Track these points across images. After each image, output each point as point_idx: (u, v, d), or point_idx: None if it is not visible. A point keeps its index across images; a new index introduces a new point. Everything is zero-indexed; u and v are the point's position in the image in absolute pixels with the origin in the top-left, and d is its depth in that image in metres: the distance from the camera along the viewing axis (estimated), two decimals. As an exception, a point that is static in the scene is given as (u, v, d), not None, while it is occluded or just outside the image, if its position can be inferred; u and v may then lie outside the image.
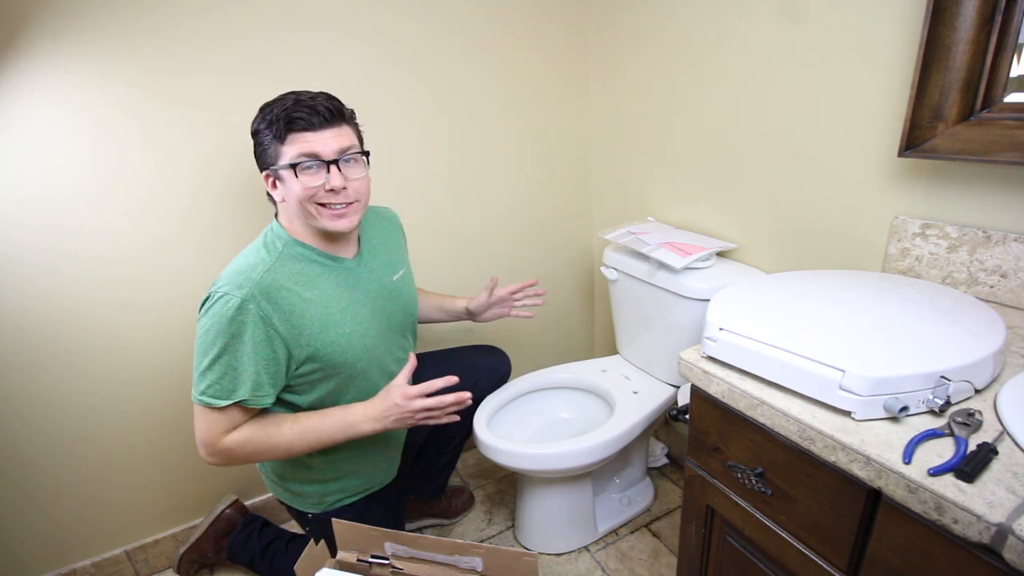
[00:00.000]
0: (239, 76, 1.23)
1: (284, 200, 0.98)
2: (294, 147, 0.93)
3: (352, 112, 1.01)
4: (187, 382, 1.35)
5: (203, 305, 0.92)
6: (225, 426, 0.94)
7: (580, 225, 1.84)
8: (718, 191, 1.35)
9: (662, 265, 1.29)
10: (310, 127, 0.93)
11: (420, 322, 1.38)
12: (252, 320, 0.90)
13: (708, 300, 0.84)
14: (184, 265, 1.30)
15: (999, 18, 0.79)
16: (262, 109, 0.96)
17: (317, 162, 0.94)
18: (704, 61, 1.29)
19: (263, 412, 0.99)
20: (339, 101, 0.98)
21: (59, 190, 1.15)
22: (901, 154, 0.90)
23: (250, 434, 0.95)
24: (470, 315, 1.36)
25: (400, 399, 0.98)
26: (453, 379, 1.02)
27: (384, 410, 0.99)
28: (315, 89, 0.99)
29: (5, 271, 1.14)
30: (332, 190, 0.95)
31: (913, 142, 0.89)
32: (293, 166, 0.93)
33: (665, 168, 1.50)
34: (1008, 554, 0.47)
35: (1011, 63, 0.80)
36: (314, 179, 0.94)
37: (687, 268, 1.25)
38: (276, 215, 1.03)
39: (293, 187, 0.95)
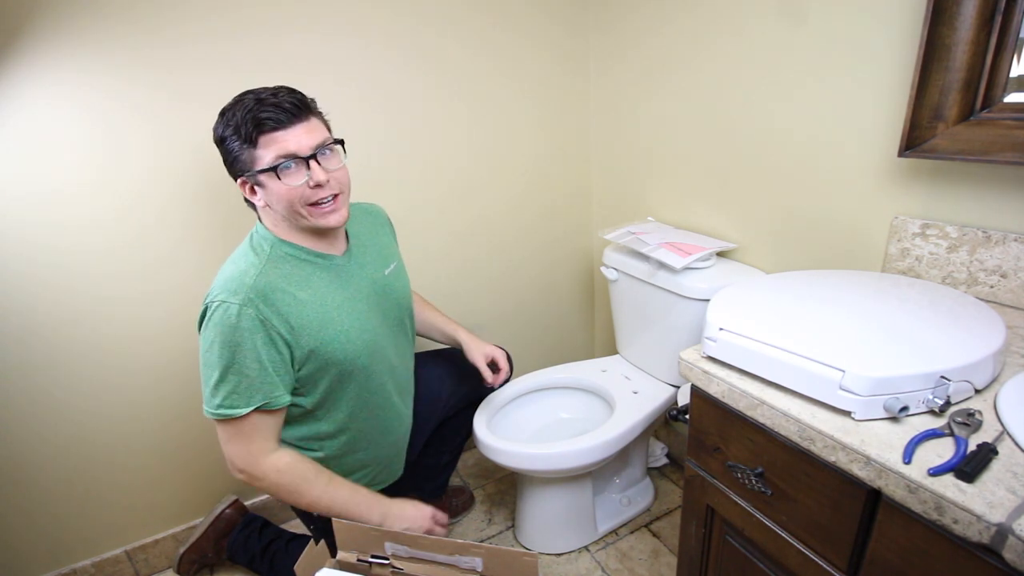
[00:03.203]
0: (243, 73, 1.22)
1: (267, 205, 0.96)
2: (268, 149, 0.90)
3: (314, 101, 0.97)
4: (188, 382, 1.36)
5: (201, 318, 0.92)
6: (258, 437, 0.94)
7: (580, 225, 1.84)
8: (718, 191, 1.35)
9: (662, 265, 1.29)
10: (279, 125, 0.89)
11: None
12: (252, 325, 0.89)
13: (708, 300, 0.84)
14: (185, 265, 1.30)
15: (999, 18, 0.79)
16: (222, 114, 0.92)
17: (296, 160, 0.91)
18: (704, 61, 1.29)
19: (304, 458, 1.00)
20: (301, 93, 0.95)
21: (60, 186, 1.15)
22: (901, 154, 0.90)
23: (291, 466, 0.97)
24: (461, 346, 1.34)
25: (431, 522, 1.06)
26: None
27: (413, 520, 1.05)
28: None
29: (6, 269, 1.14)
30: (318, 185, 0.93)
31: (913, 142, 0.89)
32: (272, 169, 0.90)
33: (665, 168, 1.50)
34: (1008, 554, 0.47)
35: (1011, 63, 0.80)
36: (296, 178, 0.92)
37: (687, 268, 1.25)
38: (259, 217, 1.01)
39: (277, 190, 0.92)
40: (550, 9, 1.55)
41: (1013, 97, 0.81)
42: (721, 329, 0.75)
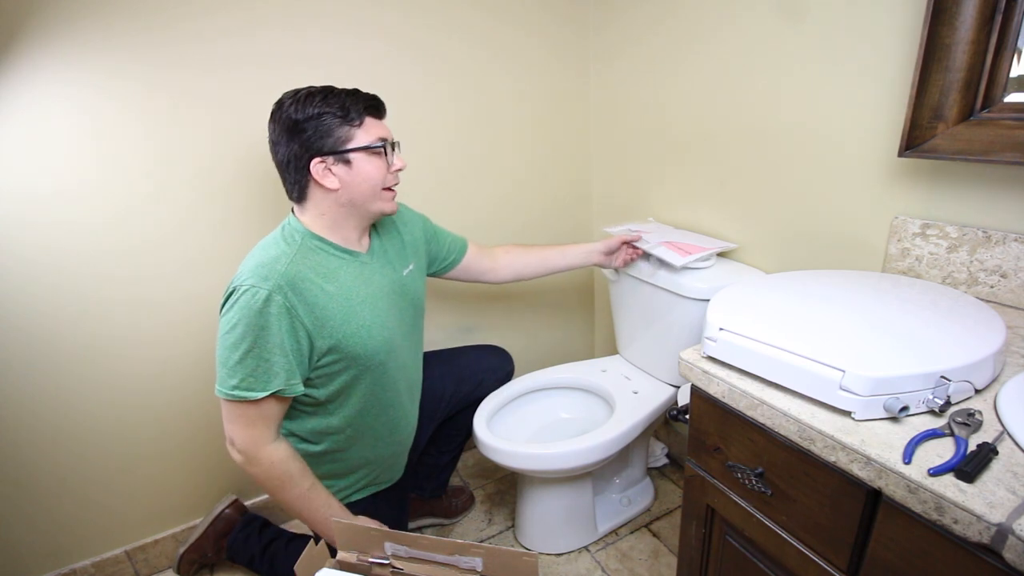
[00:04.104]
0: (241, 72, 1.23)
1: (340, 188, 0.98)
2: (370, 132, 0.98)
3: None
4: (188, 383, 1.36)
5: (227, 300, 0.93)
6: (262, 424, 0.95)
7: (580, 224, 1.84)
8: (718, 190, 1.35)
9: (662, 264, 1.29)
10: (380, 114, 1.01)
11: (529, 279, 1.43)
12: (279, 311, 0.91)
13: (708, 300, 0.84)
14: (186, 265, 1.30)
15: (999, 18, 0.79)
16: (306, 98, 0.94)
17: (389, 145, 1.01)
18: (704, 61, 1.29)
19: (296, 456, 1.02)
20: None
21: (60, 187, 1.14)
22: (901, 154, 0.90)
23: (284, 461, 0.99)
24: (602, 257, 1.39)
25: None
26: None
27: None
28: (315, 81, 0.99)
29: (6, 269, 1.14)
30: (399, 170, 1.04)
31: (913, 142, 0.89)
32: (376, 147, 0.98)
33: (665, 167, 1.50)
34: (1008, 554, 0.47)
35: (1011, 63, 0.80)
36: (387, 160, 1.01)
37: (687, 267, 1.25)
38: (293, 210, 1.03)
39: (368, 169, 0.98)
40: (551, 5, 1.55)
41: (1013, 97, 0.81)
42: (721, 329, 0.75)
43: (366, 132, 0.98)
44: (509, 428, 1.44)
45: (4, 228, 1.12)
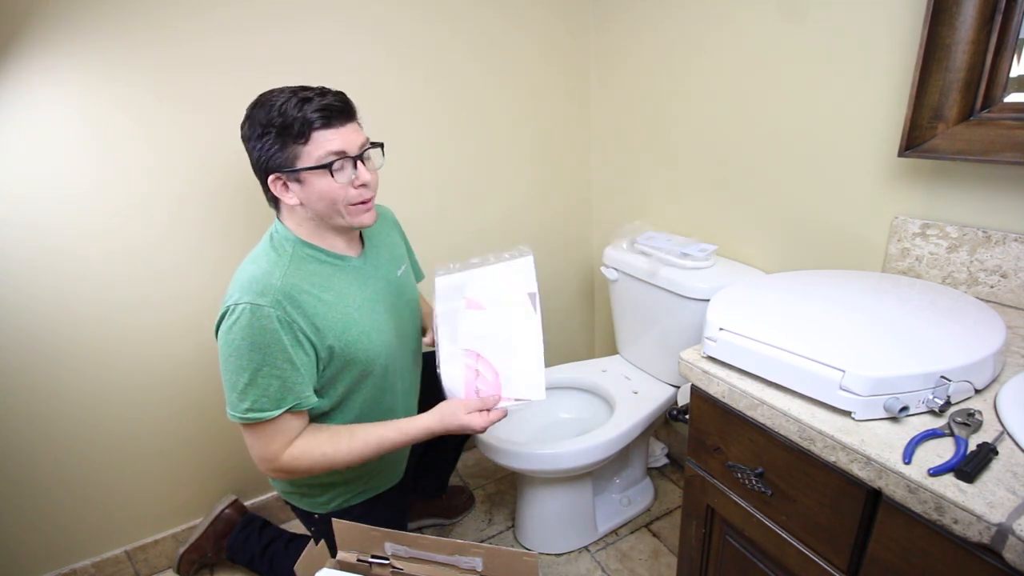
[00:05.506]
0: (236, 74, 1.23)
1: (302, 203, 0.94)
2: (320, 146, 0.89)
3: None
4: (188, 383, 1.36)
5: (223, 320, 0.89)
6: (281, 437, 0.93)
7: (581, 225, 1.84)
8: (718, 190, 1.35)
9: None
10: (332, 124, 0.90)
11: None
12: (281, 326, 0.88)
13: (708, 300, 0.84)
14: (182, 265, 1.30)
15: (999, 18, 0.79)
16: (259, 108, 0.90)
17: (346, 159, 0.92)
18: (704, 63, 1.29)
19: (313, 424, 0.99)
20: (344, 94, 0.95)
21: (56, 188, 1.15)
22: (901, 154, 0.90)
23: (307, 448, 0.95)
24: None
25: (481, 420, 0.98)
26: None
27: (444, 425, 0.99)
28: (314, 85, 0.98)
29: (5, 269, 1.14)
30: (363, 185, 0.94)
31: (913, 142, 0.89)
32: (323, 166, 0.90)
33: (665, 168, 1.50)
34: (1008, 554, 0.47)
35: (1011, 63, 0.80)
36: (344, 176, 0.92)
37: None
38: (279, 217, 1.00)
39: (323, 187, 0.91)
40: (552, 12, 1.56)
41: (1013, 97, 0.81)
42: (721, 329, 0.75)
43: (315, 148, 0.89)
44: (509, 428, 1.43)
45: (4, 229, 1.12)
